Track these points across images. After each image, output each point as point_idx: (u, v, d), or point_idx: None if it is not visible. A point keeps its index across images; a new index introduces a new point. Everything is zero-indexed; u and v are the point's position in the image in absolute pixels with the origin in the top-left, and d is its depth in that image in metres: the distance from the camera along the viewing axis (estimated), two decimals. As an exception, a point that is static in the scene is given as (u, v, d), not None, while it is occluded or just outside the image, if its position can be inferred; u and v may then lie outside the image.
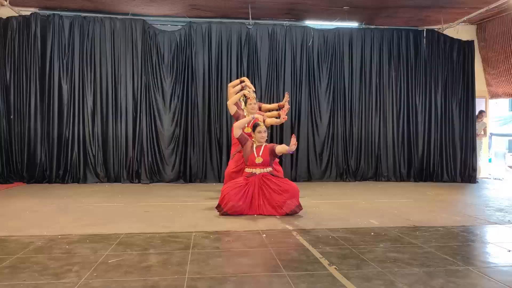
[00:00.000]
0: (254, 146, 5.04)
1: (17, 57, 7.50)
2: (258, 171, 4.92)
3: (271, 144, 5.13)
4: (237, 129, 5.06)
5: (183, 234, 3.92)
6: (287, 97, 5.84)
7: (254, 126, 5.09)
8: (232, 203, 4.74)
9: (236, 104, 5.74)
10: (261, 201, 4.85)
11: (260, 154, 4.95)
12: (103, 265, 2.98)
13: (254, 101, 5.65)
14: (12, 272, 2.83)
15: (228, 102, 5.65)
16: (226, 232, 4.02)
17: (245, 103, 5.71)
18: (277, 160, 5.41)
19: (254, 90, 5.98)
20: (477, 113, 9.06)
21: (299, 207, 4.85)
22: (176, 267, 2.94)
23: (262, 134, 5.01)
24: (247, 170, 5.00)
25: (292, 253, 3.34)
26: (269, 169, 4.98)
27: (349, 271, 2.89)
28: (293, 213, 4.81)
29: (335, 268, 2.94)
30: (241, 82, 6.06)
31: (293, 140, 4.71)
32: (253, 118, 5.32)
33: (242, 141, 5.09)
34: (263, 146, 5.02)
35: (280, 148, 4.97)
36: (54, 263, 3.03)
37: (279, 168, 5.68)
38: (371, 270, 2.92)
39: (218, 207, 4.87)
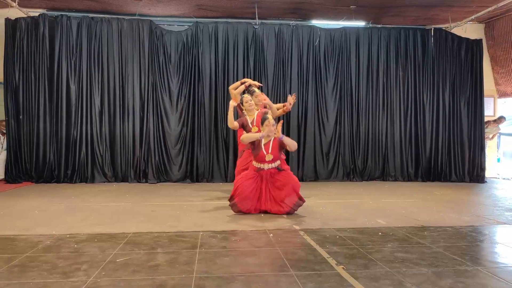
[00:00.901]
0: (263, 143, 4.97)
1: (25, 57, 7.56)
2: (266, 166, 4.90)
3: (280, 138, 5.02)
4: (245, 143, 5.00)
5: (190, 233, 3.93)
6: (294, 97, 5.81)
7: (263, 120, 4.96)
8: (245, 194, 4.77)
9: (239, 107, 5.72)
10: (267, 195, 4.87)
11: (270, 151, 4.89)
12: (111, 264, 2.99)
13: (250, 97, 5.57)
14: (21, 270, 2.86)
15: (228, 124, 5.45)
16: (233, 232, 4.02)
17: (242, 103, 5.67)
18: (283, 157, 5.38)
19: (261, 85, 5.95)
20: (497, 117, 9.03)
21: (301, 199, 4.85)
22: (183, 266, 2.95)
23: (270, 127, 4.89)
24: (255, 164, 4.95)
25: (299, 252, 3.34)
26: (278, 162, 4.95)
27: (357, 271, 2.88)
28: (297, 205, 4.82)
29: (343, 267, 2.93)
30: (242, 83, 6.07)
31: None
32: (261, 137, 4.91)
33: (250, 144, 5.05)
34: (271, 141, 4.93)
35: (287, 140, 4.90)
36: (62, 262, 3.05)
37: (287, 167, 5.67)
38: (379, 270, 2.91)
39: (231, 198, 4.87)
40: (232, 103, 5.40)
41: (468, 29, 8.69)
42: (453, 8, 7.79)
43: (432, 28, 8.61)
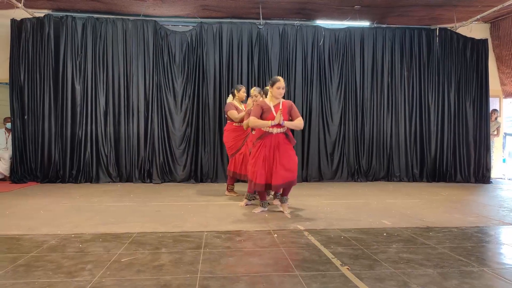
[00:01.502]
0: (272, 105, 4.77)
1: (31, 58, 7.60)
2: (275, 130, 4.72)
3: (289, 102, 4.85)
4: (252, 126, 4.85)
5: (195, 233, 3.93)
6: None
7: (273, 82, 4.76)
8: (263, 175, 4.70)
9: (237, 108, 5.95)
10: (271, 162, 4.74)
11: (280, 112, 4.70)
12: (116, 264, 3.00)
13: (258, 90, 5.66)
14: (26, 270, 2.87)
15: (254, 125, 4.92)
16: (238, 232, 4.02)
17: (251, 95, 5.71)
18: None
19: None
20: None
21: (293, 182, 4.74)
22: (188, 267, 2.95)
23: (280, 90, 4.72)
24: (264, 128, 4.75)
25: (304, 253, 3.33)
26: (285, 128, 4.78)
27: (362, 271, 2.87)
28: (287, 185, 4.75)
29: (348, 268, 2.92)
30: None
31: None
32: (272, 124, 4.73)
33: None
34: (280, 103, 4.74)
35: (289, 124, 4.74)
36: (67, 261, 3.06)
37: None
38: (384, 270, 2.90)
39: (252, 185, 4.80)
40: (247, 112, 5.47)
41: (473, 29, 8.65)
42: (458, 8, 7.75)
43: (437, 28, 8.58)
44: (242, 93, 6.08)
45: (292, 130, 5.24)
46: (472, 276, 2.81)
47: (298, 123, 4.77)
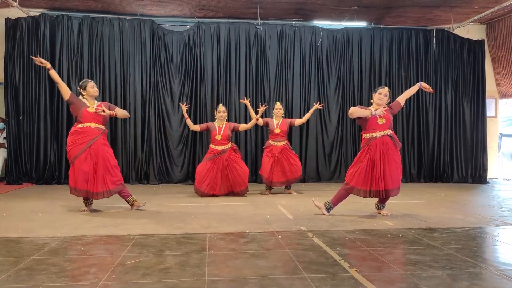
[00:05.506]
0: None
1: (26, 57, 7.49)
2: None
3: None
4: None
5: (198, 235, 3.88)
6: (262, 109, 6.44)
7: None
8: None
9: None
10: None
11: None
12: (121, 267, 2.94)
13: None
14: (29, 274, 2.80)
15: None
16: (241, 233, 3.98)
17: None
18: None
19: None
20: None
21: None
22: (194, 269, 2.90)
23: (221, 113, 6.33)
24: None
25: (310, 255, 3.29)
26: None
27: (371, 273, 2.84)
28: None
29: (356, 270, 2.89)
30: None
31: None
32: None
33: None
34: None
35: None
36: (70, 264, 3.00)
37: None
38: (393, 272, 2.87)
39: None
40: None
41: (470, 30, 8.69)
42: (455, 9, 7.79)
43: (434, 29, 8.62)
44: (90, 88, 5.20)
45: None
46: (480, 278, 2.79)
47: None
